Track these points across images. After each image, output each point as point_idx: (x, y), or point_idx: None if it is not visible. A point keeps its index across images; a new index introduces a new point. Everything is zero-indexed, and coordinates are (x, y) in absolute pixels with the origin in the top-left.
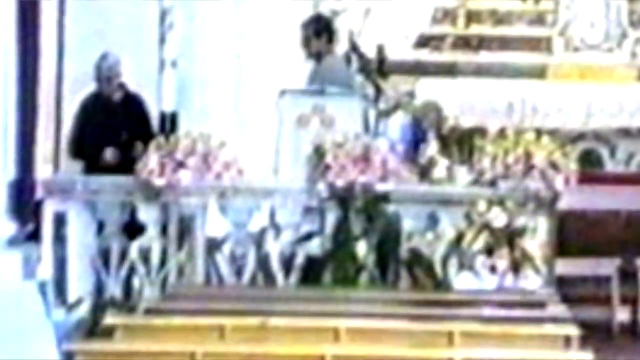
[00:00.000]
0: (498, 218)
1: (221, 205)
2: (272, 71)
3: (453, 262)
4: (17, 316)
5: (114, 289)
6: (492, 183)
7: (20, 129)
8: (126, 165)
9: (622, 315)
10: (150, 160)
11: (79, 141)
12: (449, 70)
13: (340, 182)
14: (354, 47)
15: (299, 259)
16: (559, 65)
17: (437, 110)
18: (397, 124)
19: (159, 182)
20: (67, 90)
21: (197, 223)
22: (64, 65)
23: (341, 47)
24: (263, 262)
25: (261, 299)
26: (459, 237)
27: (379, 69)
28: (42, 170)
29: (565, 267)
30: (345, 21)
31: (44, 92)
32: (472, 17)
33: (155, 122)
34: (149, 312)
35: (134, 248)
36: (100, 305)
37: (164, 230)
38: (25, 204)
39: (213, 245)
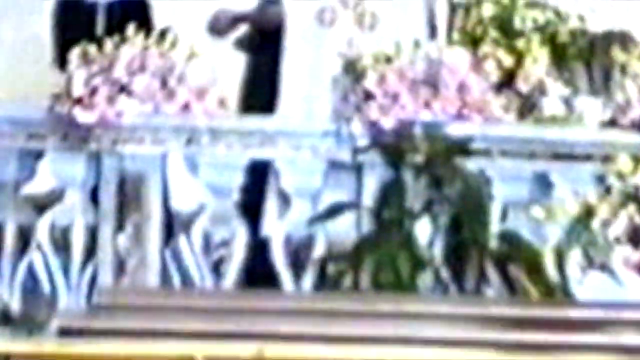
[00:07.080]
0: None
1: (190, 156)
2: None
3: (575, 256)
4: None
5: (8, 297)
6: None
7: None
8: None
9: None
10: (74, 81)
11: None
12: None
13: (388, 122)
14: None
15: (319, 249)
16: None
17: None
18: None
19: (86, 117)
20: None
21: (149, 187)
22: None
23: None
24: (259, 253)
25: (255, 313)
26: (586, 214)
27: None
28: None
29: None
30: None
31: None
32: None
33: None
34: (66, 333)
35: (43, 227)
36: None
37: (93, 197)
38: None
39: (176, 224)
